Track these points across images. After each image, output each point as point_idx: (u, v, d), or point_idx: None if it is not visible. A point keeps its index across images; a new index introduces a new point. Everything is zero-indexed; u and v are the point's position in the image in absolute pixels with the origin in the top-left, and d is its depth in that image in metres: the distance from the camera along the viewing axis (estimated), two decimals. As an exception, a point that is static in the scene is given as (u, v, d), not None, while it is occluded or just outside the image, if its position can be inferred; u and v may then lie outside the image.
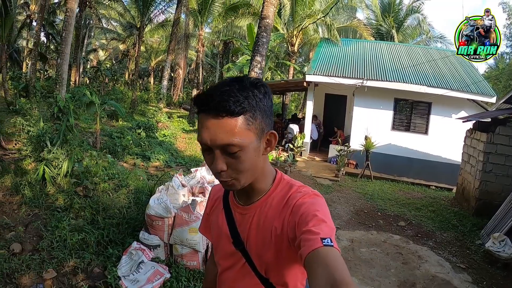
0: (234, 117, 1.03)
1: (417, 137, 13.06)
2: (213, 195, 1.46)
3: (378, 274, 4.99)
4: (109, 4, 24.50)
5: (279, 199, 1.19)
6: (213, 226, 1.39)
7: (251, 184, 1.18)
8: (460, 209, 8.72)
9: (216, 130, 1.03)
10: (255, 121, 1.07)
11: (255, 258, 1.21)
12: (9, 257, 4.06)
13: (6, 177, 6.23)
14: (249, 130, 1.06)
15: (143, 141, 11.23)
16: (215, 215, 1.38)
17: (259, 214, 1.21)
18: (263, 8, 8.44)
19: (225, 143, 1.03)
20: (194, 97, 1.11)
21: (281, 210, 1.16)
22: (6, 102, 14.36)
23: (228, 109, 1.02)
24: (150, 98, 26.77)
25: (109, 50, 39.68)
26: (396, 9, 24.20)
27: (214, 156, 1.07)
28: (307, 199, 1.12)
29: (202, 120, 1.06)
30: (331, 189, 9.88)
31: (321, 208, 1.08)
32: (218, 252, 1.36)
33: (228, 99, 1.02)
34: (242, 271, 1.25)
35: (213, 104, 1.03)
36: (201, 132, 1.07)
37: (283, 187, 1.22)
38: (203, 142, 1.07)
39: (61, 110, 7.89)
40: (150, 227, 4.29)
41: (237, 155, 1.06)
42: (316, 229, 0.99)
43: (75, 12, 9.75)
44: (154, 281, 3.76)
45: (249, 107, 1.05)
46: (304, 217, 1.05)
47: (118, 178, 6.61)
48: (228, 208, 1.31)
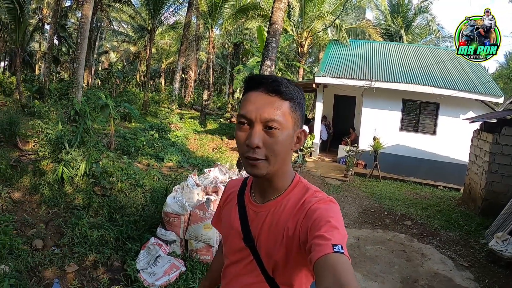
0: (282, 99, 1.14)
1: (425, 138, 13.12)
2: (229, 189, 1.48)
3: (382, 270, 5.19)
4: (120, 7, 24.81)
5: (294, 201, 1.22)
6: (225, 220, 1.42)
7: (271, 180, 1.22)
8: (466, 209, 8.85)
9: (264, 105, 1.13)
10: (295, 111, 1.17)
11: (264, 256, 1.22)
12: (32, 253, 4.35)
13: (25, 177, 6.54)
14: (290, 116, 1.15)
15: (156, 142, 11.48)
16: (227, 209, 1.42)
17: (273, 213, 1.23)
18: (272, 14, 8.65)
19: (270, 117, 1.12)
20: (247, 77, 1.22)
21: (296, 213, 1.18)
22: (20, 104, 14.70)
23: (279, 90, 1.14)
24: (161, 99, 27.05)
25: (121, 52, 40.04)
26: (405, 9, 24.16)
27: (252, 132, 1.13)
28: (322, 205, 1.15)
29: (251, 97, 1.16)
30: (340, 189, 10.05)
31: (335, 214, 1.11)
32: (227, 245, 1.38)
33: (280, 84, 1.15)
34: (248, 267, 1.27)
35: (267, 83, 1.15)
36: (246, 107, 1.15)
37: (300, 189, 1.25)
38: (247, 116, 1.14)
39: (77, 113, 8.16)
40: (167, 223, 4.57)
41: (275, 134, 1.13)
42: (328, 235, 1.01)
43: (90, 18, 10.04)
44: (171, 274, 4.03)
45: (294, 97, 1.17)
46: (317, 222, 1.08)
47: (134, 178, 6.87)
48: (242, 204, 1.34)
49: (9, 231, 4.56)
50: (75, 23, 29.68)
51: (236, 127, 1.20)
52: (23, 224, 5.12)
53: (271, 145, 1.14)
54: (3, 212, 5.29)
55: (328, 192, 9.35)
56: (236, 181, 1.48)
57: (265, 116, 1.13)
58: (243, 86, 1.24)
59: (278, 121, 1.13)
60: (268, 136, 1.14)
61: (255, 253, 1.24)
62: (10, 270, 3.81)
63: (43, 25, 26.79)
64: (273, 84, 1.15)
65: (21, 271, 3.90)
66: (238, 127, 1.18)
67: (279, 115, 1.13)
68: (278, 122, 1.13)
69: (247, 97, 1.18)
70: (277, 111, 1.13)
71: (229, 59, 31.19)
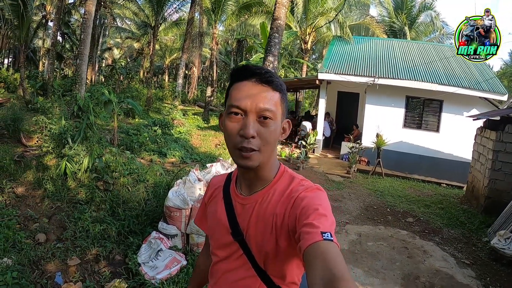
0: (274, 90, 1.17)
1: (429, 135, 13.11)
2: (213, 185, 1.46)
3: (383, 266, 5.20)
4: (123, 3, 24.84)
5: (281, 191, 1.22)
6: (211, 216, 1.39)
7: (259, 171, 1.22)
8: (469, 206, 8.83)
9: (258, 95, 1.14)
10: (284, 103, 1.20)
11: (255, 249, 1.21)
12: (35, 246, 4.39)
13: (28, 172, 6.59)
14: (280, 107, 1.18)
15: (159, 138, 11.50)
16: (213, 205, 1.39)
17: (260, 204, 1.22)
18: (275, 10, 8.64)
19: (265, 107, 1.13)
20: (237, 67, 1.22)
21: (283, 202, 1.18)
22: (24, 100, 14.75)
23: (272, 81, 1.16)
24: (165, 96, 27.10)
25: (124, 48, 40.07)
26: (409, 6, 24.03)
27: (247, 122, 1.13)
28: (309, 193, 1.15)
29: (243, 86, 1.16)
30: (343, 185, 10.05)
31: (322, 202, 1.11)
32: (214, 242, 1.36)
33: (273, 76, 1.17)
34: (237, 262, 1.26)
35: (261, 74, 1.16)
36: (240, 96, 1.15)
37: (285, 179, 1.25)
38: (241, 106, 1.14)
39: (80, 109, 8.19)
40: (169, 218, 4.59)
41: (269, 123, 1.14)
42: (317, 223, 1.00)
43: (93, 15, 10.02)
44: (172, 268, 4.06)
45: (283, 88, 1.20)
46: (305, 210, 1.07)
47: (137, 173, 6.90)
48: (228, 198, 1.32)
49: (12, 225, 4.61)
50: (78, 20, 29.77)
51: (226, 118, 1.18)
52: (26, 218, 5.16)
53: (264, 135, 1.14)
54: (6, 207, 5.34)
55: (331, 189, 9.40)
56: (220, 177, 1.47)
57: (260, 106, 1.13)
58: (231, 76, 1.25)
59: (272, 111, 1.15)
60: (262, 126, 1.14)
61: (244, 246, 1.23)
62: (13, 263, 3.85)
63: (47, 22, 26.82)
64: (266, 75, 1.16)
65: (23, 264, 3.94)
66: (228, 118, 1.17)
67: (273, 105, 1.15)
68: (272, 112, 1.14)
69: (239, 87, 1.18)
70: (271, 101, 1.15)
71: (233, 55, 31.21)
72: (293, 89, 21.03)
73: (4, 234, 4.27)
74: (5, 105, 13.84)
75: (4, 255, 4.00)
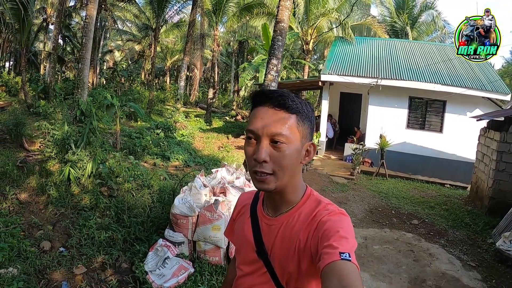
0: (288, 113, 1.15)
1: (432, 136, 13.06)
2: (241, 202, 1.50)
3: (389, 270, 5.18)
4: (124, 6, 24.84)
5: (306, 214, 1.23)
6: (238, 232, 1.44)
7: (282, 193, 1.23)
8: (473, 207, 8.80)
9: (270, 120, 1.15)
10: (303, 125, 1.18)
11: (278, 268, 1.24)
12: (40, 255, 4.36)
13: (32, 178, 6.58)
14: (297, 130, 1.16)
15: (162, 141, 11.51)
16: (240, 222, 1.43)
17: (286, 226, 1.24)
18: (278, 12, 8.61)
19: (277, 131, 1.13)
20: (254, 92, 1.24)
21: (307, 225, 1.19)
22: (26, 104, 14.79)
23: (285, 104, 1.15)
24: (166, 98, 27.09)
25: (125, 51, 40.07)
26: (410, 5, 23.99)
27: (259, 147, 1.15)
28: (332, 217, 1.16)
29: (258, 112, 1.18)
30: (346, 187, 10.02)
31: (344, 226, 1.12)
32: (240, 257, 1.40)
33: (287, 98, 1.16)
34: (261, 278, 1.29)
35: (273, 98, 1.16)
36: (254, 121, 1.17)
37: (311, 202, 1.26)
38: (254, 131, 1.16)
39: (83, 113, 8.18)
40: (175, 225, 4.57)
41: (282, 148, 1.14)
42: (337, 244, 1.02)
43: (94, 18, 10.02)
44: (179, 276, 4.04)
45: (301, 110, 1.18)
46: (327, 233, 1.09)
47: (141, 178, 6.88)
48: (255, 217, 1.35)
49: (17, 233, 4.59)
50: (79, 23, 29.85)
51: (245, 142, 1.22)
52: (31, 225, 5.14)
53: (278, 159, 1.15)
54: (10, 214, 5.33)
55: (335, 191, 9.38)
56: (248, 194, 1.50)
57: (271, 130, 1.14)
58: (251, 101, 1.26)
59: (284, 135, 1.14)
60: (275, 150, 1.15)
61: (268, 265, 1.26)
62: (18, 273, 3.83)
63: (48, 25, 26.90)
64: (279, 99, 1.16)
65: (29, 274, 3.91)
66: (246, 142, 1.21)
67: (285, 129, 1.14)
68: (284, 136, 1.14)
69: (255, 113, 1.20)
70: (284, 126, 1.15)
71: (234, 57, 31.16)
72: (295, 91, 20.99)
73: (9, 243, 4.24)
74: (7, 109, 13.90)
75: (9, 264, 3.98)
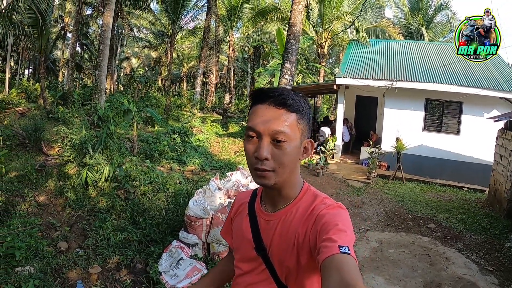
0: (289, 112, 1.17)
1: (449, 138, 12.87)
2: (239, 200, 1.51)
3: (404, 274, 5.12)
4: (140, 13, 25.21)
5: (304, 208, 1.24)
6: (236, 231, 1.44)
7: (280, 189, 1.25)
8: (491, 211, 8.65)
9: (271, 118, 1.16)
10: (302, 123, 1.20)
11: (277, 264, 1.25)
12: (56, 254, 4.47)
13: (50, 181, 6.76)
14: (297, 128, 1.18)
15: (178, 146, 11.61)
16: (238, 220, 1.44)
17: (284, 221, 1.25)
18: (291, 16, 8.65)
19: (278, 129, 1.15)
20: (254, 90, 1.25)
21: (305, 219, 1.20)
22: (45, 110, 15.09)
23: (286, 103, 1.17)
24: (183, 103, 27.32)
25: (142, 57, 40.65)
26: (425, 6, 23.75)
27: (260, 145, 1.17)
28: (330, 210, 1.17)
29: (259, 110, 1.19)
30: (363, 191, 9.95)
31: (342, 219, 1.13)
32: (238, 255, 1.41)
33: (287, 96, 1.18)
34: (260, 276, 1.29)
35: (274, 97, 1.18)
36: (254, 120, 1.19)
37: (308, 197, 1.28)
38: (256, 128, 1.17)
39: (100, 118, 8.31)
40: (189, 227, 4.62)
41: (283, 146, 1.16)
42: (335, 237, 1.03)
43: (110, 26, 10.19)
44: (193, 277, 4.07)
45: (301, 109, 1.20)
46: (325, 227, 1.10)
47: (157, 182, 6.96)
48: (253, 214, 1.36)
49: (34, 233, 4.70)
50: (96, 31, 30.39)
51: (245, 139, 1.23)
52: (48, 226, 5.26)
53: (279, 157, 1.17)
54: (28, 215, 5.46)
55: (351, 195, 9.32)
56: (246, 193, 1.51)
57: (273, 128, 1.16)
58: (250, 99, 1.28)
59: (286, 134, 1.16)
60: (276, 148, 1.17)
61: (267, 261, 1.27)
62: (35, 271, 3.93)
63: (65, 33, 27.52)
64: (280, 98, 1.18)
65: (45, 272, 4.00)
66: (246, 140, 1.22)
67: (286, 128, 1.16)
68: (285, 135, 1.16)
69: (255, 110, 1.21)
70: (285, 124, 1.16)
71: (250, 62, 31.27)
72: (311, 95, 20.97)
73: (26, 242, 4.34)
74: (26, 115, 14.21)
75: (26, 263, 4.08)
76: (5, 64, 23.80)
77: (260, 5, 22.12)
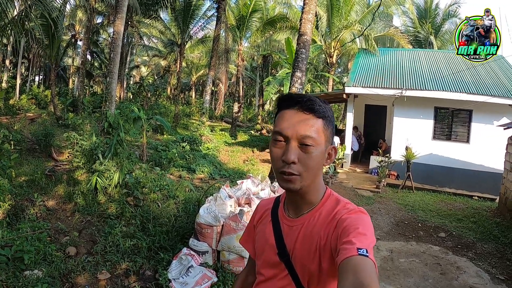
0: (316, 117, 1.21)
1: (459, 146, 12.75)
2: (261, 207, 1.52)
3: (415, 284, 5.05)
4: (150, 22, 25.42)
5: (326, 213, 1.26)
6: (259, 237, 1.44)
7: (304, 194, 1.27)
8: (502, 219, 8.52)
9: (300, 123, 1.19)
10: (328, 129, 1.23)
11: (299, 269, 1.25)
12: (65, 259, 4.48)
13: (59, 186, 6.80)
14: (323, 133, 1.21)
15: (187, 154, 11.62)
16: (262, 227, 1.44)
17: (307, 226, 1.27)
18: (301, 25, 8.67)
19: (306, 134, 1.18)
20: (281, 96, 1.29)
21: (328, 223, 1.22)
22: (55, 116, 15.23)
23: (313, 108, 1.20)
24: (192, 112, 27.43)
25: (151, 66, 40.98)
26: (433, 15, 23.76)
27: (288, 148, 1.19)
28: (352, 215, 1.19)
29: (286, 114, 1.22)
30: (372, 200, 9.88)
31: (363, 223, 1.15)
32: (261, 262, 1.40)
33: (314, 102, 1.21)
34: (282, 282, 1.29)
35: (302, 102, 1.21)
36: (282, 124, 1.22)
37: (331, 202, 1.29)
38: (283, 133, 1.20)
39: (110, 125, 8.37)
40: (200, 234, 4.60)
41: (310, 150, 1.18)
42: (355, 240, 1.05)
43: (121, 34, 10.27)
44: (202, 284, 4.04)
45: (327, 115, 1.23)
46: (346, 230, 1.12)
47: (166, 189, 6.96)
48: (276, 220, 1.38)
49: (43, 238, 4.72)
50: (106, 39, 30.75)
51: (271, 143, 1.25)
52: (57, 231, 5.29)
53: (305, 161, 1.19)
54: (38, 219, 5.48)
55: (360, 204, 9.23)
56: (268, 200, 1.53)
57: (301, 133, 1.19)
58: (277, 104, 1.30)
59: (313, 138, 1.19)
60: (303, 152, 1.19)
61: (290, 267, 1.27)
62: (43, 275, 3.94)
63: (76, 41, 27.89)
64: (308, 103, 1.21)
65: (54, 277, 4.01)
66: (273, 143, 1.24)
67: (313, 133, 1.19)
68: (312, 139, 1.19)
69: (283, 115, 1.24)
70: (312, 129, 1.20)
71: (259, 71, 31.35)
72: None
73: (35, 247, 4.35)
74: (37, 121, 14.35)
75: (35, 267, 4.09)
76: (16, 70, 24.10)
77: (269, 14, 22.30)
